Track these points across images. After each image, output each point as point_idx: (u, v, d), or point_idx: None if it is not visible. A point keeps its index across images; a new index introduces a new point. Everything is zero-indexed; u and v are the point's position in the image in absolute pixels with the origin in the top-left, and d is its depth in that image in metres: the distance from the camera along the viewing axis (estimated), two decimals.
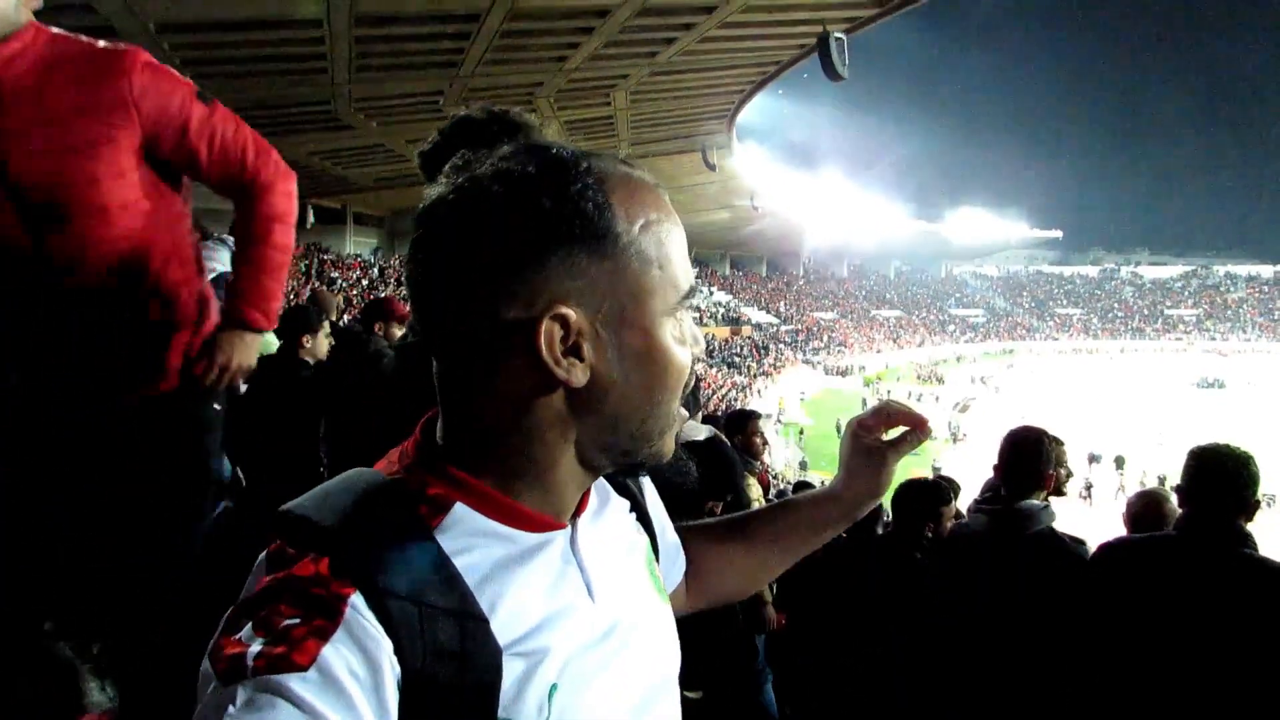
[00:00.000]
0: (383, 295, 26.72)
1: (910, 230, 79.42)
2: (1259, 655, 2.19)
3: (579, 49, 16.60)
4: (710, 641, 3.02)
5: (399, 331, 4.65)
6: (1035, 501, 2.83)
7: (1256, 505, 2.39)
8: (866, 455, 1.06)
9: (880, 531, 4.46)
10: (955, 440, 39.71)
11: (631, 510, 0.92)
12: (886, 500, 3.56)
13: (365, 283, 32.22)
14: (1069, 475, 3.04)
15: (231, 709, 0.55)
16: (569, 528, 0.77)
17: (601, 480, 0.86)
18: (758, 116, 41.26)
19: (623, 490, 0.93)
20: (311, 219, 34.24)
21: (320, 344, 4.09)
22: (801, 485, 7.87)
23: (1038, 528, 2.80)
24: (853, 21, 16.35)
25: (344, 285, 30.13)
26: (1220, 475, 2.39)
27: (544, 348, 0.67)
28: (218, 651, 0.59)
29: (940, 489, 3.65)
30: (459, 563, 0.67)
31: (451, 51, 16.00)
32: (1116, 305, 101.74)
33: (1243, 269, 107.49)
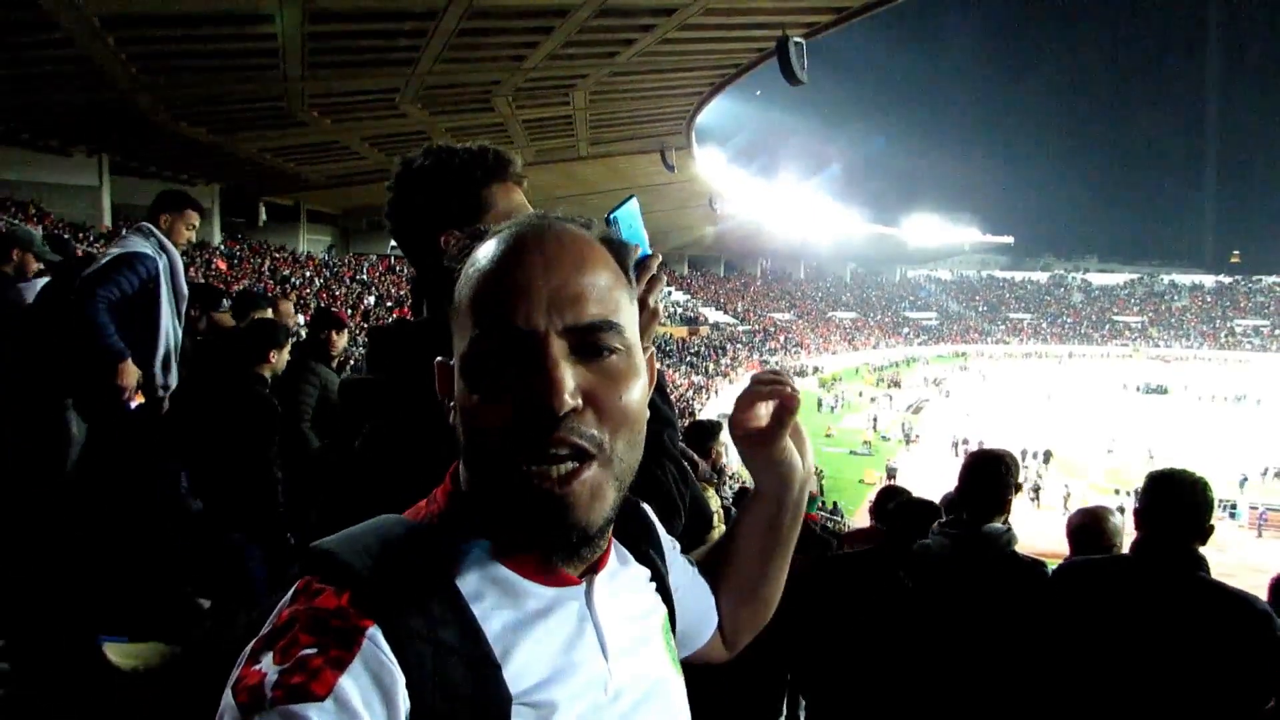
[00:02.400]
0: (327, 304, 26.51)
1: (866, 233, 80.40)
2: (1211, 677, 2.24)
3: (537, 48, 16.55)
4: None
5: (343, 341, 4.84)
6: (998, 525, 2.86)
7: (1210, 530, 2.44)
8: (756, 449, 1.01)
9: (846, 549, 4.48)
10: (908, 441, 40.29)
11: (652, 580, 0.91)
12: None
13: (319, 281, 31.73)
14: (1019, 489, 3.07)
15: None
16: (584, 584, 0.77)
17: (622, 546, 0.88)
18: (718, 119, 41.46)
19: (643, 559, 0.92)
20: (264, 217, 33.75)
21: (283, 361, 4.07)
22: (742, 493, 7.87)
23: (1001, 551, 2.83)
24: (811, 27, 16.51)
25: (298, 284, 29.64)
26: (1176, 500, 2.44)
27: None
28: (239, 682, 0.60)
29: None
30: (476, 609, 0.69)
31: (408, 49, 15.85)
32: (1065, 311, 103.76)
33: (1187, 278, 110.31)
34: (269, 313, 5.00)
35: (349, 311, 28.10)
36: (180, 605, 2.90)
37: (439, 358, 0.74)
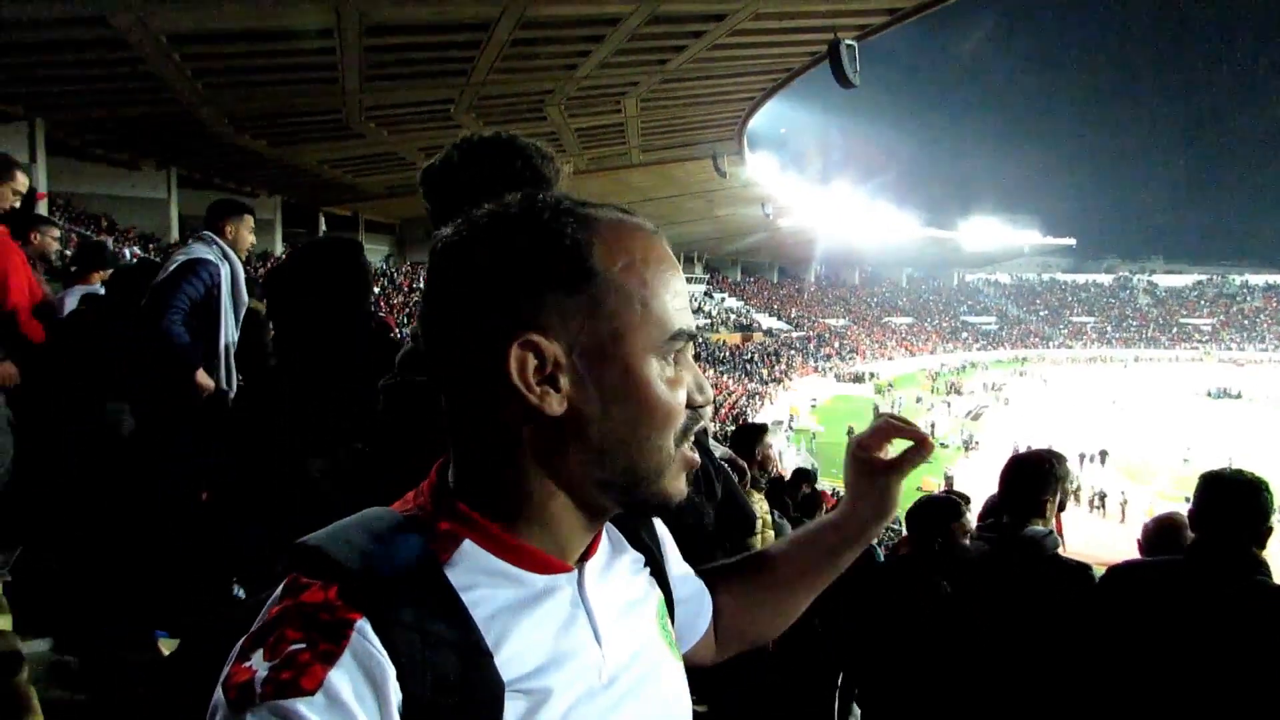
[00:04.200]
0: (385, 312, 26.77)
1: (922, 237, 79.20)
2: (1267, 683, 2.16)
3: (589, 57, 16.66)
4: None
5: None
6: (1039, 528, 2.80)
7: (1269, 532, 2.36)
8: (869, 476, 1.03)
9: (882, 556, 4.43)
10: (967, 449, 39.50)
11: (646, 565, 0.92)
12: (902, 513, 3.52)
13: (378, 290, 32.36)
14: (1076, 488, 2.99)
15: None
16: (576, 571, 0.77)
17: (616, 532, 0.89)
18: (769, 123, 41.23)
19: (637, 544, 0.92)
20: (323, 227, 34.50)
21: None
22: (799, 473, 7.79)
23: (1044, 554, 2.77)
24: (863, 28, 16.36)
25: None
26: (1232, 502, 2.36)
27: (514, 373, 0.68)
28: (229, 679, 0.60)
29: (954, 505, 3.60)
30: (466, 599, 0.68)
31: (462, 60, 16.09)
32: (1131, 314, 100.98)
33: (1260, 278, 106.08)
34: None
35: (405, 320, 28.58)
36: (225, 600, 2.96)
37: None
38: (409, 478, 1.24)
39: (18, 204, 3.92)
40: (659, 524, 1.00)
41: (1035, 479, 2.85)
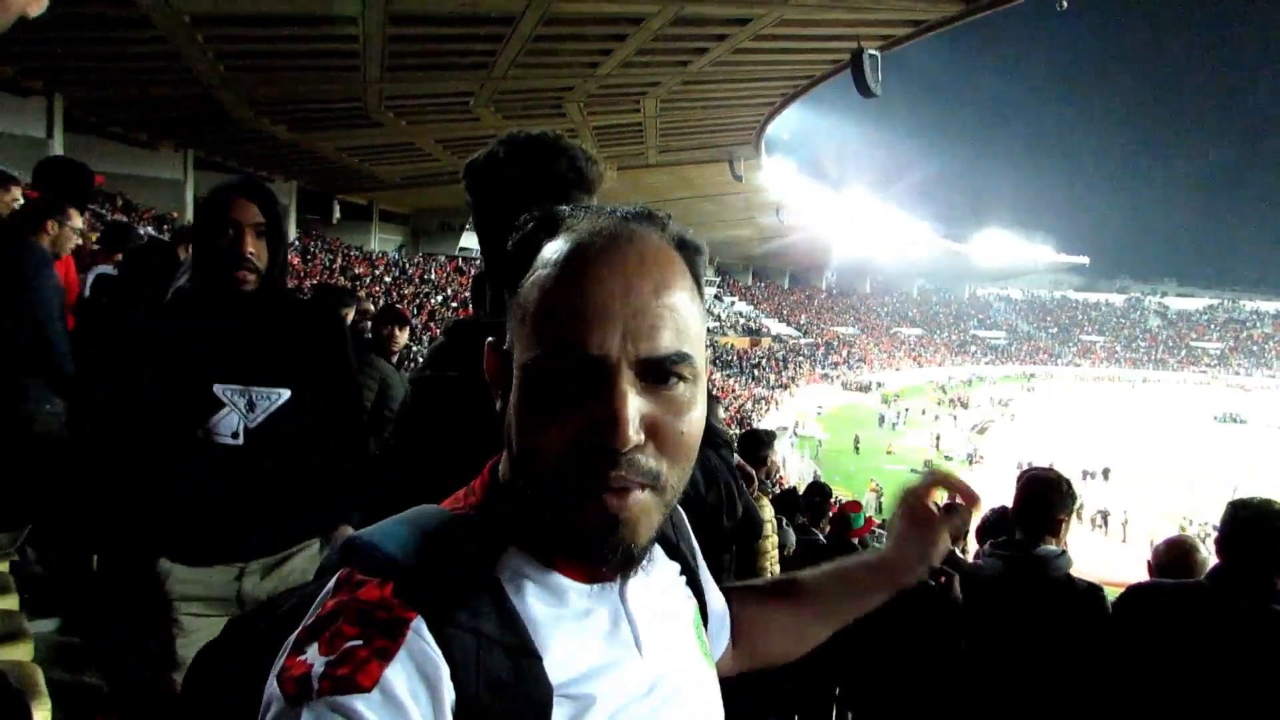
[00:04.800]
0: (394, 302, 26.89)
1: (935, 249, 79.05)
2: None
3: (611, 55, 16.66)
4: None
5: (404, 338, 4.89)
6: (1053, 547, 2.78)
7: None
8: (918, 524, 1.04)
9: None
10: (971, 463, 39.38)
11: (682, 574, 0.92)
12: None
13: (389, 279, 32.44)
14: (1079, 506, 2.99)
15: None
16: (618, 581, 0.76)
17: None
18: (787, 129, 41.18)
19: (674, 553, 0.92)
20: (338, 214, 34.61)
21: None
22: (816, 488, 7.79)
23: (1056, 574, 2.75)
24: (887, 39, 16.33)
25: (369, 281, 30.32)
26: (1259, 529, 2.35)
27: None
28: (284, 673, 0.60)
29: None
30: (515, 601, 0.69)
31: (484, 53, 16.10)
32: (1141, 335, 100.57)
33: (1271, 305, 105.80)
34: (351, 313, 5.06)
35: (415, 310, 28.64)
36: None
37: (491, 339, 0.73)
38: (431, 469, 1.22)
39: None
40: (693, 536, 1.00)
41: (1051, 497, 2.83)
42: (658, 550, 0.88)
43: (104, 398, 1.97)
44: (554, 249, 0.69)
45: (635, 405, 0.64)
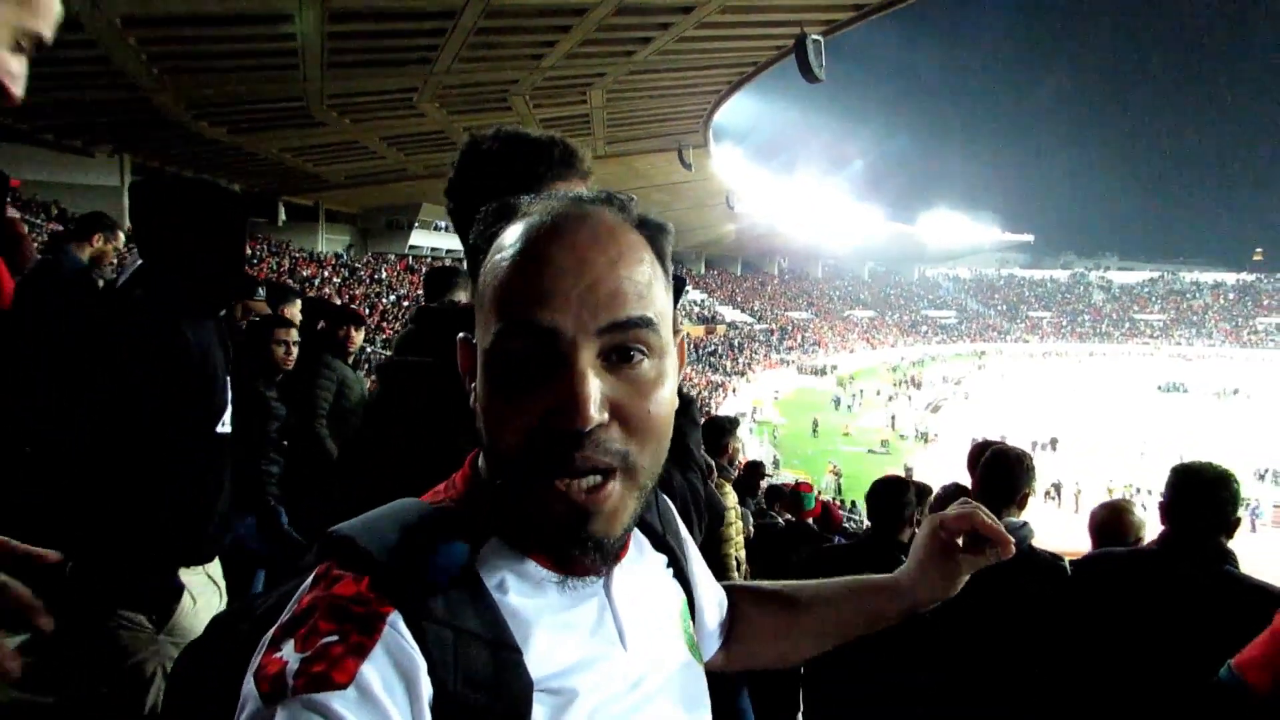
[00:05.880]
0: (345, 302, 26.34)
1: (885, 232, 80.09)
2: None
3: (555, 47, 16.57)
4: None
5: (360, 338, 4.81)
6: (1015, 520, 2.84)
7: (1237, 523, 2.42)
8: (942, 555, 0.99)
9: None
10: (926, 441, 40.03)
11: (669, 566, 0.91)
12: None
13: (339, 280, 31.93)
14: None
15: None
16: (603, 573, 0.76)
17: (639, 533, 0.87)
18: (735, 117, 41.39)
19: (660, 546, 0.91)
20: (283, 216, 33.96)
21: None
22: (773, 491, 7.90)
23: (1019, 545, 2.80)
24: (830, 24, 16.44)
25: (317, 283, 29.83)
26: (1202, 493, 2.41)
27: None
28: (260, 671, 0.59)
29: (903, 484, 3.63)
30: (496, 595, 0.68)
31: (426, 48, 15.91)
32: (1085, 309, 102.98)
33: (1208, 276, 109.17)
34: (298, 307, 4.97)
35: (367, 311, 28.26)
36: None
37: (462, 334, 0.73)
38: (401, 457, 1.21)
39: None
40: (682, 526, 1.00)
41: (1015, 472, 2.89)
42: (644, 542, 0.88)
43: (106, 398, 1.92)
44: (509, 233, 0.69)
45: (596, 385, 0.63)
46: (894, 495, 3.25)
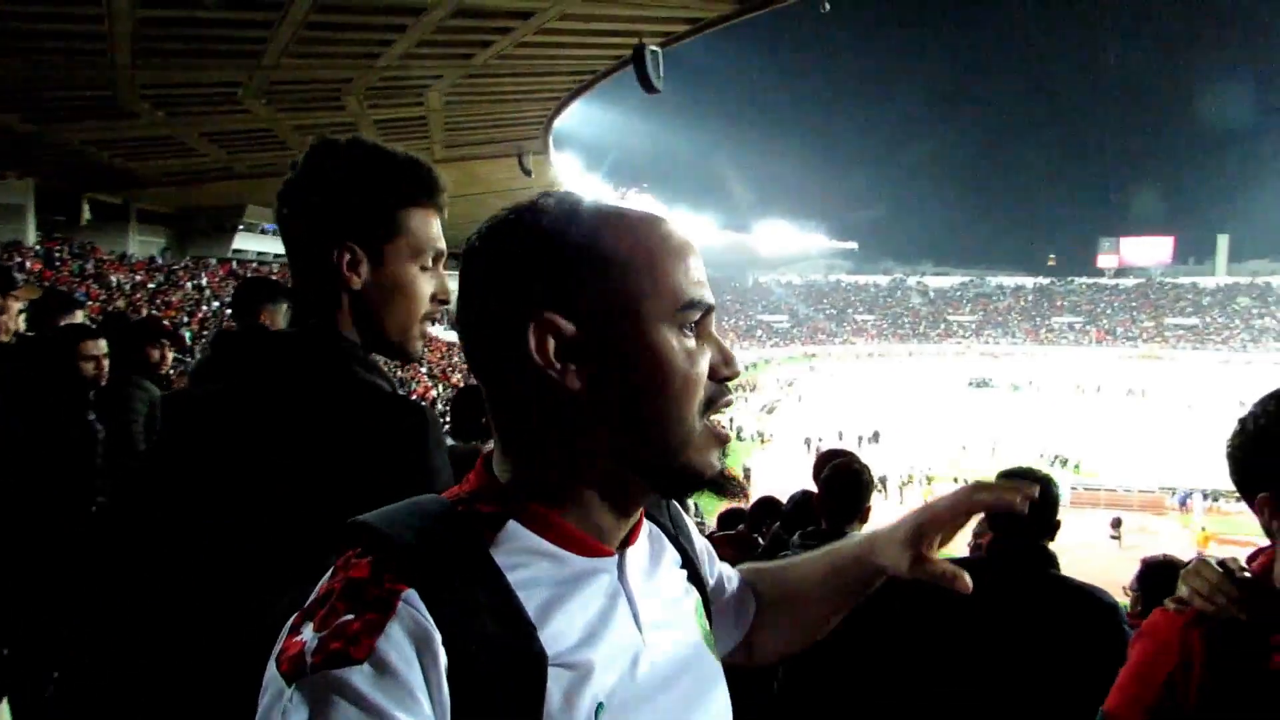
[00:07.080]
0: (160, 313, 24.60)
1: (720, 240, 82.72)
2: (1063, 671, 2.27)
3: (391, 46, 16.08)
4: None
5: (171, 353, 4.33)
6: (859, 533, 2.90)
7: (1058, 526, 2.55)
8: (921, 540, 0.95)
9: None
10: (763, 442, 41.56)
11: (683, 566, 0.93)
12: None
13: (152, 286, 29.66)
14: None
15: (290, 706, 0.59)
16: (617, 556, 0.79)
17: (654, 529, 0.91)
18: (577, 126, 41.54)
19: (675, 544, 0.94)
20: (87, 215, 31.17)
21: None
22: None
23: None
24: (667, 36, 16.78)
25: (129, 289, 27.62)
26: (843, 487, 2.54)
27: (534, 350, 0.71)
28: (282, 654, 0.62)
29: (775, 504, 3.64)
30: (511, 577, 0.70)
31: (252, 40, 15.05)
32: (905, 312, 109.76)
33: (1011, 280, 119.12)
34: (77, 317, 4.44)
35: (185, 319, 26.44)
36: None
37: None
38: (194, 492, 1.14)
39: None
40: (694, 528, 1.03)
41: (857, 487, 2.98)
42: (660, 535, 0.92)
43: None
44: (631, 232, 0.75)
45: None
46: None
